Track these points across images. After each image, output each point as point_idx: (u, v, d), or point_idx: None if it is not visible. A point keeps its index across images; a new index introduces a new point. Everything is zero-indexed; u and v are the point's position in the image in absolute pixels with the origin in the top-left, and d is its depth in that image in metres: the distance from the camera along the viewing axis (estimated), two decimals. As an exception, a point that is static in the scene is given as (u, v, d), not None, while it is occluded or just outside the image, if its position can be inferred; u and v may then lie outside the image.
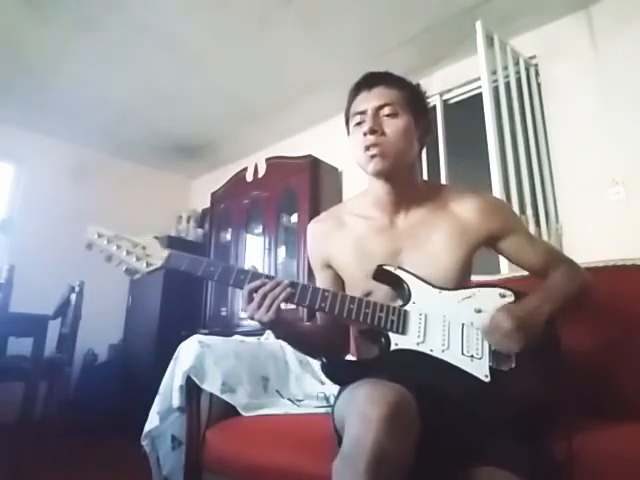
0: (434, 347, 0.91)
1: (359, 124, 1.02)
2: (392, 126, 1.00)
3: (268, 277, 0.95)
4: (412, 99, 1.04)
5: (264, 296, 0.92)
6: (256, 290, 0.93)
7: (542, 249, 1.08)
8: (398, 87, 1.03)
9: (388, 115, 1.00)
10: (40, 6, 2.48)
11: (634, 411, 1.13)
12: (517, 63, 2.53)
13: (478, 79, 2.51)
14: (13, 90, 3.25)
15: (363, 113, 1.02)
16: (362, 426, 0.71)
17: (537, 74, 2.60)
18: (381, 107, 1.00)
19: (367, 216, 1.10)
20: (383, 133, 0.99)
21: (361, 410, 0.73)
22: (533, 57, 2.61)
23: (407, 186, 1.06)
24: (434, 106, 2.94)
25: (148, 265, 1.00)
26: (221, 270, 0.97)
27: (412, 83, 1.07)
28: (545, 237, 2.25)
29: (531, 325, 0.89)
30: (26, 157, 3.79)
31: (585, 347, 1.20)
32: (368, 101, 1.02)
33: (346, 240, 1.09)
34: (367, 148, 0.99)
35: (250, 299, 0.93)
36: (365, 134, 0.99)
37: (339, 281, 1.12)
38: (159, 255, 1.01)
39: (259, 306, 0.92)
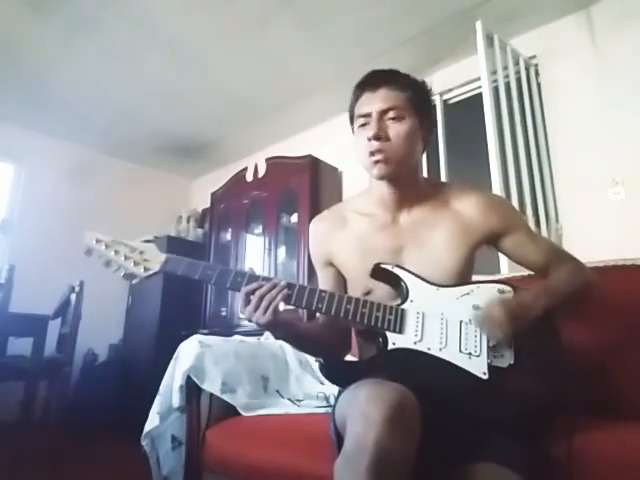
0: (432, 345, 0.91)
1: (363, 126, 1.02)
2: (397, 131, 0.99)
3: (265, 279, 0.95)
4: (416, 99, 1.02)
5: (261, 298, 0.92)
6: (253, 292, 0.93)
7: (545, 247, 1.08)
8: (403, 88, 1.01)
9: (393, 119, 0.99)
10: (40, 6, 2.48)
11: (634, 410, 1.13)
12: (517, 63, 2.53)
13: (478, 79, 2.51)
14: (13, 90, 3.25)
15: (367, 116, 1.01)
16: (364, 426, 0.71)
17: (537, 74, 2.61)
18: (386, 111, 0.99)
19: (369, 214, 1.10)
20: (388, 138, 0.98)
21: (363, 410, 0.73)
22: (533, 57, 2.61)
23: (410, 185, 1.06)
24: (434, 106, 2.94)
25: (146, 270, 1.01)
26: (218, 273, 0.97)
27: (417, 81, 1.06)
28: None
29: (523, 318, 0.89)
30: (26, 157, 3.79)
31: (585, 346, 1.20)
32: (372, 103, 1.00)
33: (348, 238, 1.09)
34: (372, 154, 0.99)
35: (247, 301, 0.93)
36: (369, 139, 0.98)
37: (341, 279, 1.12)
38: (157, 259, 1.01)
39: (256, 308, 0.92)
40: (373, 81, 1.03)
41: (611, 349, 1.25)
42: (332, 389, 1.52)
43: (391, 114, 0.99)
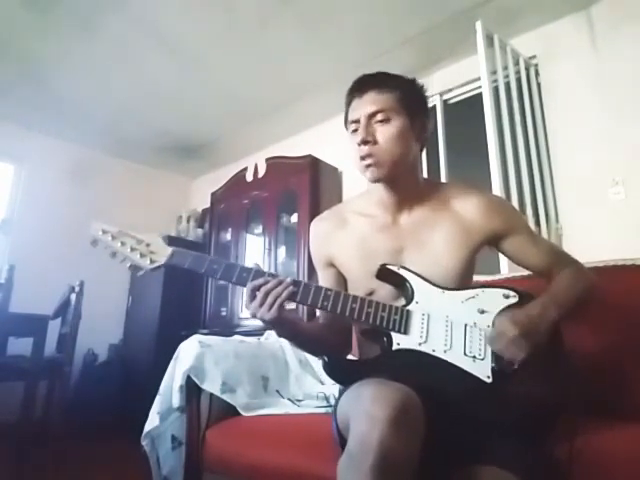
0: (436, 347, 0.91)
1: (354, 131, 1.03)
2: (384, 133, 0.99)
3: (271, 275, 0.95)
4: (406, 99, 1.02)
5: (266, 294, 0.92)
6: (259, 288, 0.93)
7: (546, 249, 1.08)
8: (390, 89, 1.01)
9: (381, 121, 1.00)
10: (40, 6, 2.47)
11: (634, 410, 1.13)
12: (517, 63, 2.53)
13: (478, 79, 2.51)
14: (13, 90, 3.25)
15: (356, 122, 1.02)
16: (368, 426, 0.71)
17: (537, 74, 2.60)
18: (373, 114, 1.00)
19: (370, 214, 1.10)
20: (376, 142, 0.99)
21: (367, 410, 0.73)
22: (533, 57, 2.61)
23: (409, 186, 1.06)
24: (434, 106, 2.94)
25: (152, 262, 1.01)
26: (224, 268, 0.97)
27: (406, 80, 1.06)
28: (545, 237, 2.25)
29: (536, 332, 0.88)
30: (26, 157, 3.79)
31: (586, 347, 1.20)
32: (360, 108, 1.02)
33: (349, 238, 1.09)
34: (362, 158, 1.00)
35: (253, 297, 0.93)
36: (359, 144, 1.00)
37: (341, 279, 1.12)
38: (163, 252, 1.01)
39: (261, 304, 0.92)
40: (360, 86, 1.04)
41: (611, 349, 1.25)
42: (332, 389, 1.52)
43: (378, 117, 1.00)
